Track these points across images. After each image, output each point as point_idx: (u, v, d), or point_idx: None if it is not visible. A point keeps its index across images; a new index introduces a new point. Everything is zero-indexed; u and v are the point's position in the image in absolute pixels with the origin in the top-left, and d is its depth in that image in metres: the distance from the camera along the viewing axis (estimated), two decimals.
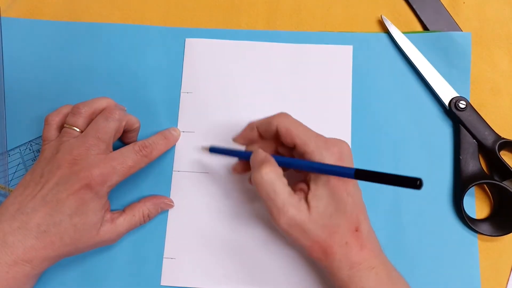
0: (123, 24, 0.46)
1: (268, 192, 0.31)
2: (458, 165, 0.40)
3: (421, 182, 0.25)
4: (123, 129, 0.38)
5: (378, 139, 0.42)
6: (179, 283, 0.39)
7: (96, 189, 0.33)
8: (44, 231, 0.32)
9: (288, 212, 0.31)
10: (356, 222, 0.32)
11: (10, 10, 0.46)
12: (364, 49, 0.44)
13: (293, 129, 0.33)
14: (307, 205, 0.32)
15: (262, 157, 0.33)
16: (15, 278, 0.31)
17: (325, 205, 0.32)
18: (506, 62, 0.44)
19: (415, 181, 0.25)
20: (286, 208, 0.31)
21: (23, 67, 0.44)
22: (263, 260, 0.39)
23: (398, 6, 0.46)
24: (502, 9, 0.45)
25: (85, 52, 0.45)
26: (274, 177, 0.32)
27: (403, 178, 0.25)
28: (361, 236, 0.32)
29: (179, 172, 0.41)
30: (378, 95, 0.43)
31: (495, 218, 0.39)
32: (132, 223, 0.37)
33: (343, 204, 0.32)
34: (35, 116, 0.43)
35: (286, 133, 0.33)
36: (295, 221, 0.31)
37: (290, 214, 0.31)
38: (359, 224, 0.32)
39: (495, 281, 0.38)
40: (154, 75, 0.44)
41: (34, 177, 0.34)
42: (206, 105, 0.43)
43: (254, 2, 0.46)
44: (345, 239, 0.32)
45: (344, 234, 0.32)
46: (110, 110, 0.36)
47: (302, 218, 0.31)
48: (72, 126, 0.36)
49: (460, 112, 0.41)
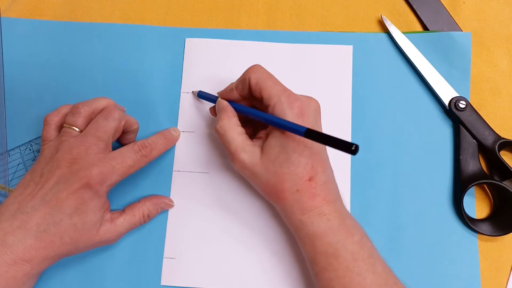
0: (123, 24, 0.46)
1: (223, 141, 0.36)
2: (458, 165, 0.40)
3: (357, 147, 0.28)
4: (122, 129, 0.38)
5: (378, 139, 0.42)
6: (179, 283, 0.39)
7: (96, 188, 0.33)
8: (44, 230, 0.32)
9: (240, 156, 0.34)
10: (310, 172, 0.33)
11: (10, 10, 0.46)
12: (364, 49, 0.44)
13: (261, 82, 0.35)
14: (260, 152, 0.34)
15: (221, 106, 0.37)
16: (14, 277, 0.31)
17: (276, 154, 0.34)
18: (506, 62, 0.44)
19: (351, 146, 0.28)
20: (238, 152, 0.35)
21: (23, 67, 0.44)
22: (263, 260, 0.39)
23: (398, 6, 0.46)
24: (502, 9, 0.45)
25: (85, 52, 0.45)
26: (228, 126, 0.36)
27: (342, 142, 0.29)
28: (314, 186, 0.33)
29: (179, 172, 0.41)
30: (378, 95, 0.43)
31: (495, 218, 0.39)
32: (132, 223, 0.37)
33: (297, 154, 0.33)
34: (35, 116, 0.43)
35: (256, 86, 0.35)
36: (246, 164, 0.34)
37: (241, 158, 0.34)
38: (314, 174, 0.33)
39: (495, 281, 0.38)
40: (154, 75, 0.44)
41: (34, 177, 0.34)
42: (206, 105, 0.43)
43: (254, 2, 0.46)
44: (296, 186, 0.33)
45: (296, 182, 0.33)
46: (110, 110, 0.36)
47: (251, 161, 0.34)
48: (72, 126, 0.36)
49: (460, 112, 0.41)
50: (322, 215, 0.33)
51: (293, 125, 0.32)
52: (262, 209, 0.40)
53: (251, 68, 0.36)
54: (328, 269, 0.32)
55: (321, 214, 0.33)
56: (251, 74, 0.36)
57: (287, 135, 0.33)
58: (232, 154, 0.35)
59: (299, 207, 0.33)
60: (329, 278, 0.32)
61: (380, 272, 0.32)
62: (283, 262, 0.39)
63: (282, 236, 0.39)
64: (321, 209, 0.33)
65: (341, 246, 0.32)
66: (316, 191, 0.33)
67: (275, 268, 0.39)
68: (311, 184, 0.33)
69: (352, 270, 0.31)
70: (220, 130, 0.36)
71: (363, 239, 0.33)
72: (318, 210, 0.33)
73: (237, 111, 0.37)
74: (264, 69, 0.36)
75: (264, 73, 0.36)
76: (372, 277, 0.31)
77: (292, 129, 0.32)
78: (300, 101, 0.34)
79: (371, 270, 0.32)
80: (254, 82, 0.35)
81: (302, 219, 0.33)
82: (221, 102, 0.38)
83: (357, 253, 0.32)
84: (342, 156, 0.41)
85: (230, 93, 0.38)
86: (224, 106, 0.37)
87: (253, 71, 0.36)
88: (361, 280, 0.31)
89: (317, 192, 0.33)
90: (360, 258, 0.32)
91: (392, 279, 0.33)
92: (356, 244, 0.32)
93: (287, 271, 0.38)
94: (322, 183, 0.34)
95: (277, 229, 0.39)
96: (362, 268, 0.31)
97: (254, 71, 0.36)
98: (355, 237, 0.33)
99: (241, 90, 0.37)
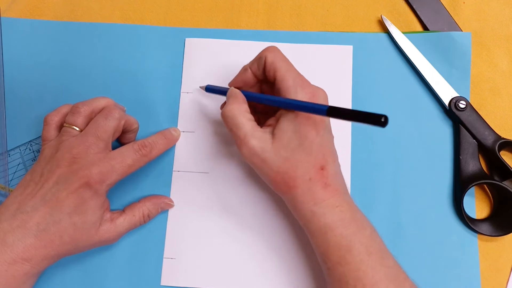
0: (123, 24, 0.46)
1: (231, 125, 0.34)
2: (458, 165, 0.40)
3: (387, 119, 0.27)
4: (122, 129, 0.38)
5: (378, 139, 0.42)
6: (179, 283, 0.39)
7: (95, 187, 0.33)
8: (44, 230, 0.32)
9: (249, 142, 0.33)
10: (322, 161, 0.33)
11: (10, 10, 0.46)
12: (364, 49, 0.44)
13: (277, 62, 0.35)
14: (271, 137, 0.33)
15: (231, 93, 0.36)
16: (14, 276, 0.31)
17: (288, 138, 0.33)
18: (506, 62, 0.44)
19: (380, 117, 0.27)
20: (247, 139, 0.33)
21: (23, 67, 0.44)
22: (263, 260, 0.39)
23: (398, 6, 0.46)
24: (502, 9, 0.45)
25: (85, 52, 0.45)
26: (236, 112, 0.34)
27: (370, 115, 0.27)
28: (326, 175, 0.33)
29: (179, 172, 0.41)
30: (378, 95, 0.43)
31: (495, 218, 0.39)
32: (132, 223, 0.37)
33: (309, 141, 0.32)
34: (35, 116, 0.43)
35: (270, 66, 0.35)
36: (255, 150, 0.33)
37: (251, 144, 0.33)
38: (325, 164, 0.33)
39: (495, 281, 0.38)
40: (154, 75, 0.44)
41: (34, 176, 0.34)
42: (206, 105, 0.43)
43: (254, 2, 0.46)
44: (308, 175, 0.32)
45: (308, 170, 0.32)
46: (110, 109, 0.36)
47: (262, 147, 0.33)
48: (71, 125, 0.36)
49: (460, 112, 0.41)
50: (335, 206, 0.32)
51: (314, 105, 0.31)
52: (262, 209, 0.40)
53: (268, 48, 0.36)
54: (341, 263, 0.31)
55: (333, 205, 0.32)
56: (268, 53, 0.35)
57: (299, 120, 0.33)
58: (241, 140, 0.33)
59: (311, 197, 0.32)
60: (342, 272, 0.31)
61: (392, 267, 0.32)
62: (283, 262, 0.39)
63: (282, 236, 0.39)
64: (333, 200, 0.32)
65: (354, 238, 0.31)
66: (328, 180, 0.33)
67: (275, 268, 0.39)
68: (323, 173, 0.33)
69: (367, 263, 0.31)
70: (229, 113, 0.34)
71: (374, 233, 0.33)
72: (330, 201, 0.32)
73: (248, 99, 0.36)
74: (280, 51, 0.36)
75: (280, 54, 0.35)
76: (385, 271, 0.31)
77: (312, 108, 0.31)
78: (312, 87, 0.34)
79: (384, 264, 0.31)
80: (270, 61, 0.35)
81: (314, 209, 0.32)
82: (233, 90, 0.37)
83: (370, 246, 0.32)
84: (342, 156, 0.41)
85: (243, 74, 0.37)
86: (235, 92, 0.36)
87: (270, 50, 0.35)
88: (374, 274, 0.30)
89: (329, 181, 0.33)
90: (374, 252, 0.31)
91: (402, 274, 0.32)
92: (368, 238, 0.32)
93: (288, 271, 0.38)
94: (333, 173, 0.33)
95: (278, 229, 0.39)
96: (376, 262, 0.31)
97: (271, 50, 0.35)
98: (366, 231, 0.32)
99: (256, 69, 0.36)
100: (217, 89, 0.40)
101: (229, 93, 0.37)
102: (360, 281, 0.30)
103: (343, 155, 0.41)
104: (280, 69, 0.34)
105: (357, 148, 0.41)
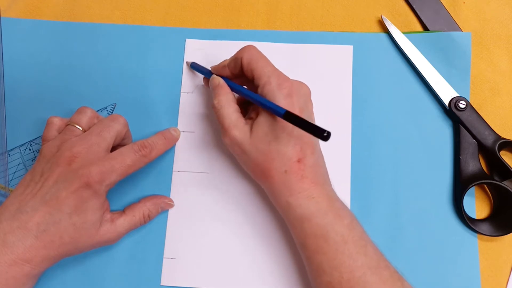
0: (123, 24, 0.46)
1: (219, 114, 0.36)
2: (458, 165, 0.40)
3: (329, 134, 0.29)
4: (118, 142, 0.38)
5: (378, 139, 0.42)
6: (179, 283, 0.39)
7: (95, 187, 0.33)
8: (44, 230, 0.32)
9: (231, 132, 0.35)
10: (299, 154, 0.33)
11: (10, 10, 0.46)
12: (364, 49, 0.44)
13: (253, 62, 0.35)
14: (250, 130, 0.35)
15: (216, 83, 0.38)
16: (14, 277, 0.31)
17: (265, 132, 0.34)
18: (506, 62, 0.44)
19: (323, 132, 0.29)
20: (230, 129, 0.35)
21: (23, 67, 0.44)
22: (263, 260, 0.39)
23: (398, 6, 0.46)
24: (502, 9, 0.45)
25: (85, 53, 0.45)
26: (225, 101, 0.36)
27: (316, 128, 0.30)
28: (303, 168, 0.33)
29: (179, 172, 0.41)
30: (378, 95, 0.43)
31: (495, 218, 0.39)
32: (132, 223, 0.37)
33: (286, 134, 0.33)
34: (35, 116, 0.43)
35: (247, 66, 0.36)
36: (236, 140, 0.35)
37: (232, 134, 0.35)
38: (303, 156, 0.33)
39: (495, 281, 0.38)
40: (154, 75, 0.44)
41: (34, 176, 0.34)
42: (206, 105, 0.43)
43: (254, 2, 0.46)
44: (284, 167, 0.33)
45: (284, 163, 0.33)
46: (116, 115, 0.37)
47: (242, 139, 0.35)
48: (76, 124, 0.36)
49: (460, 112, 0.41)
50: (311, 197, 0.33)
51: (274, 106, 0.33)
52: (262, 209, 0.40)
53: (244, 48, 0.36)
54: (319, 252, 0.32)
55: (310, 196, 0.33)
56: (244, 54, 0.36)
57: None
58: (225, 129, 0.35)
59: (287, 188, 0.33)
60: (320, 261, 0.32)
61: (371, 255, 0.32)
62: (283, 262, 0.39)
63: (282, 236, 0.39)
64: (310, 191, 0.33)
65: (330, 228, 0.32)
66: (305, 173, 0.33)
67: (276, 268, 0.39)
68: (299, 166, 0.33)
69: (343, 252, 0.31)
70: (217, 105, 0.36)
71: (353, 222, 0.33)
72: (306, 192, 0.33)
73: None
74: (257, 50, 0.36)
75: (257, 53, 0.36)
76: (364, 259, 0.31)
77: (272, 109, 0.33)
78: (290, 83, 0.35)
79: (362, 252, 0.32)
80: (246, 62, 0.36)
81: (289, 200, 0.33)
82: (216, 79, 0.38)
83: (347, 235, 0.32)
84: (342, 156, 0.41)
85: (222, 70, 0.39)
86: (220, 83, 0.37)
87: (245, 50, 0.36)
88: (352, 263, 0.31)
89: (306, 174, 0.33)
90: (350, 241, 0.32)
91: (383, 262, 0.32)
92: (345, 227, 0.32)
93: (288, 271, 0.38)
94: (311, 165, 0.34)
95: (278, 230, 0.39)
96: (352, 251, 0.31)
97: (247, 51, 0.36)
98: (344, 220, 0.33)
99: (233, 68, 0.37)
100: (201, 70, 0.42)
101: (213, 83, 0.38)
102: (337, 269, 0.31)
103: (343, 155, 0.41)
104: (257, 68, 0.35)
105: (357, 148, 0.41)
